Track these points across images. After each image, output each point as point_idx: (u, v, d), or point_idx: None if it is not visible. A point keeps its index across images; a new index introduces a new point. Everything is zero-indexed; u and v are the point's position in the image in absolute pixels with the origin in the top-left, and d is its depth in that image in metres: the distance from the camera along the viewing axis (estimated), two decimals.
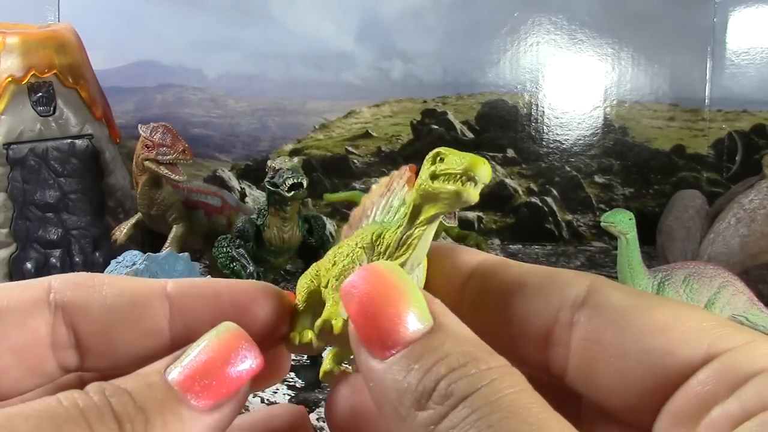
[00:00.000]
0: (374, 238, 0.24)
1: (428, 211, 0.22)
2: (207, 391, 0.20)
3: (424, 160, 0.22)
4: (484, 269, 0.22)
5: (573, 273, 0.21)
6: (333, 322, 0.22)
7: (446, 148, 0.22)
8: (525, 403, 0.16)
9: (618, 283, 0.21)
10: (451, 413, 0.17)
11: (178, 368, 0.20)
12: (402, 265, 0.22)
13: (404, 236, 0.23)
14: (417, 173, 0.23)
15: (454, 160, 0.21)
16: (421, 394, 0.17)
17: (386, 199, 0.25)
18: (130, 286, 0.23)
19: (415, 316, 0.19)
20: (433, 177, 0.21)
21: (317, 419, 0.53)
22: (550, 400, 0.17)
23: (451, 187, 0.21)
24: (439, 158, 0.22)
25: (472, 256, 0.23)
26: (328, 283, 0.24)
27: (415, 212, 0.23)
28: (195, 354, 0.20)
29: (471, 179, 0.21)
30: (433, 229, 0.23)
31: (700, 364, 0.18)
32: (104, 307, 0.22)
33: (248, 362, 0.21)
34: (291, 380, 0.59)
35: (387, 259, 0.23)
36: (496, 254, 0.28)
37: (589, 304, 0.20)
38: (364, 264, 0.23)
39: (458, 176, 0.21)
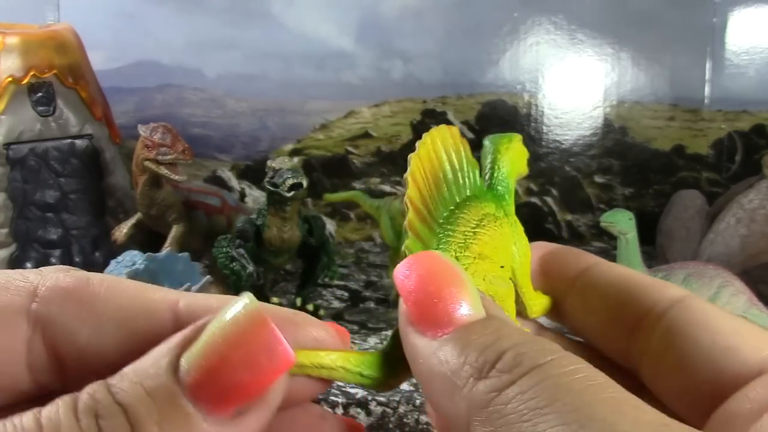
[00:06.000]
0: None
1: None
2: (225, 395, 0.16)
3: (514, 143, 0.27)
4: (595, 267, 0.25)
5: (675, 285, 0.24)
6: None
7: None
8: (600, 380, 0.17)
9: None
10: (519, 380, 0.16)
11: (186, 365, 0.16)
12: None
13: None
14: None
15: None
16: (483, 364, 0.17)
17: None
18: (130, 305, 0.19)
19: (469, 303, 0.19)
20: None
21: None
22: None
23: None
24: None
25: (587, 258, 0.26)
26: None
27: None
28: (207, 346, 0.16)
29: None
30: None
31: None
32: (95, 331, 0.18)
33: (278, 354, 0.16)
34: None
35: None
36: None
37: (683, 304, 0.22)
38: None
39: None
